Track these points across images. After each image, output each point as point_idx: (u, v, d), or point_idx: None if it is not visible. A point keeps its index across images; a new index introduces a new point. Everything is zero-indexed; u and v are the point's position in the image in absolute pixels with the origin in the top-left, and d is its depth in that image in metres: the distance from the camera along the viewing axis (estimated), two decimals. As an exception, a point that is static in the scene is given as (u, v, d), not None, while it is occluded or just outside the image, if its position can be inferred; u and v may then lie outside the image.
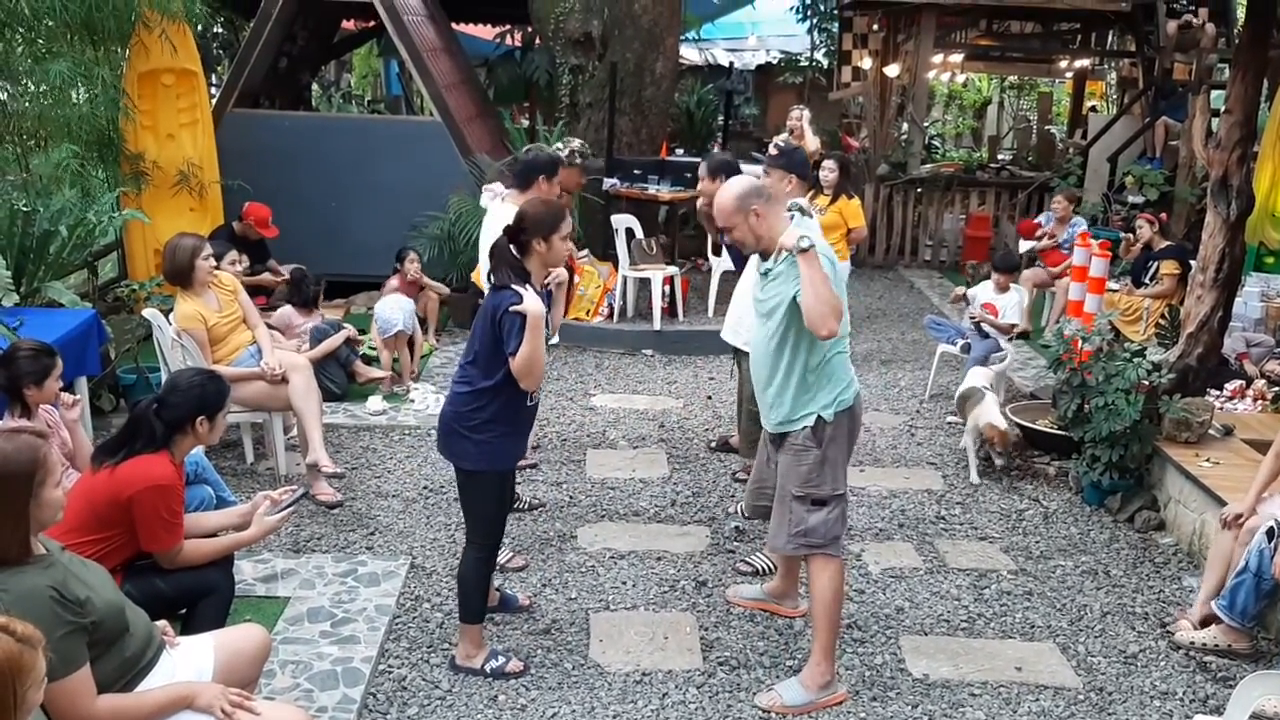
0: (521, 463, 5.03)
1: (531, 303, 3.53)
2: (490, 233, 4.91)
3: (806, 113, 9.54)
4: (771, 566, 4.71)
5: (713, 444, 6.30)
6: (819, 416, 3.66)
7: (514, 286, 3.59)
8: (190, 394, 3.51)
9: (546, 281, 3.86)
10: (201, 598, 3.50)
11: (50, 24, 6.84)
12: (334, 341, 6.51)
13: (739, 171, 5.69)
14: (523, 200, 4.72)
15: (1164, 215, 9.20)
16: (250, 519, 3.65)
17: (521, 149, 5.91)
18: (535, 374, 3.60)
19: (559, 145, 6.00)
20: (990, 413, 5.80)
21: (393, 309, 7.03)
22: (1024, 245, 9.65)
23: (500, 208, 5.08)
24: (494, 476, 3.80)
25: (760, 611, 4.42)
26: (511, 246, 3.71)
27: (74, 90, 6.97)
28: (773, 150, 5.26)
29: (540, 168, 5.08)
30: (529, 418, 3.88)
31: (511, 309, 3.53)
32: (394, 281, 7.71)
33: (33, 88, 7.11)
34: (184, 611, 3.52)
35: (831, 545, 3.75)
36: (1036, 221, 9.64)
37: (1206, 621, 4.28)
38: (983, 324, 7.05)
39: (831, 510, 3.71)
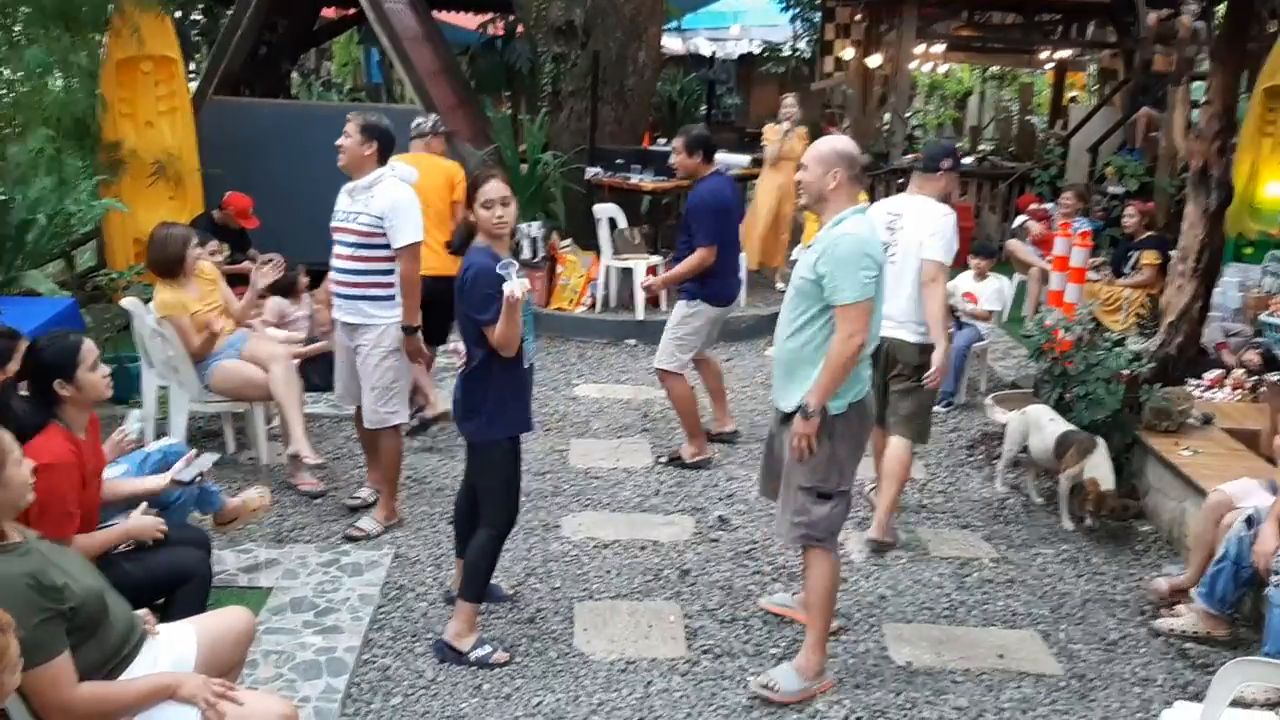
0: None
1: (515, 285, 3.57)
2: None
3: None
4: None
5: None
6: (826, 408, 3.60)
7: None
8: (39, 361, 3.26)
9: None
10: (178, 585, 3.48)
11: (26, 10, 6.76)
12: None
13: (715, 148, 5.76)
14: None
15: (1149, 204, 9.25)
16: (165, 489, 3.69)
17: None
18: (511, 345, 3.71)
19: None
20: (1104, 470, 5.15)
21: None
22: (1017, 219, 9.79)
23: None
24: (498, 451, 3.86)
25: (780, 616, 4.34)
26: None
27: (50, 78, 6.89)
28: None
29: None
30: (526, 382, 3.91)
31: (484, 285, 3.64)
32: None
33: (8, 74, 7.03)
34: (162, 600, 3.49)
35: (829, 540, 3.78)
36: (1045, 209, 9.65)
37: None
38: (959, 313, 7.07)
39: (836, 505, 3.73)
